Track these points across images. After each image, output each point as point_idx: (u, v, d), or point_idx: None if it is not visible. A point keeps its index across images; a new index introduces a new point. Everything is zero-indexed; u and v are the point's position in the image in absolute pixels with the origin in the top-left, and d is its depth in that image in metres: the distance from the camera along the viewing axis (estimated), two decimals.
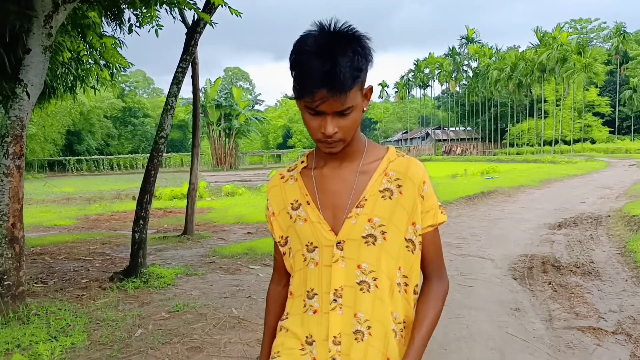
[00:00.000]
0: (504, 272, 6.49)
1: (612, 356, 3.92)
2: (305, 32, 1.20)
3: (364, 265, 1.28)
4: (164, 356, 3.85)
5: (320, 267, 1.29)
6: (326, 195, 1.32)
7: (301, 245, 1.33)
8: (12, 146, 5.04)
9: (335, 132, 1.20)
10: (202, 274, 6.59)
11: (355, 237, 1.28)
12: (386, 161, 1.34)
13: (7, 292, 5.01)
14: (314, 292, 1.30)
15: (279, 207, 1.39)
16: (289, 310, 1.38)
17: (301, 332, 1.32)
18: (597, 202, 13.17)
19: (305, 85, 1.15)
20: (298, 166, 1.40)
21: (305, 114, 1.22)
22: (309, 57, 1.14)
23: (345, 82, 1.14)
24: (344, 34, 1.18)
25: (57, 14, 5.02)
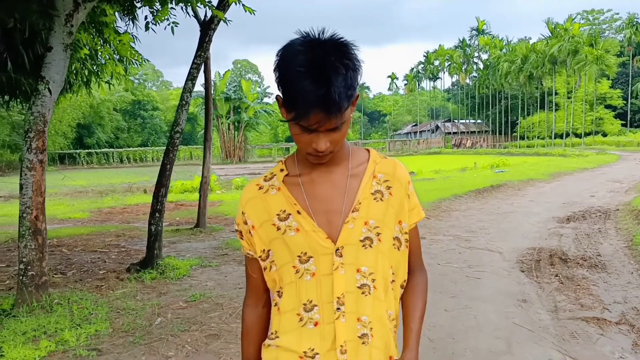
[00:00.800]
0: (512, 264, 6.61)
1: (615, 345, 4.04)
2: (291, 43, 1.17)
3: (363, 269, 1.27)
4: (184, 343, 4.04)
5: (318, 277, 1.26)
6: (317, 202, 1.29)
7: (291, 256, 1.28)
8: (35, 141, 5.22)
9: (327, 147, 1.20)
10: (216, 265, 6.77)
11: (353, 241, 1.27)
12: (372, 164, 1.35)
13: (30, 282, 5.20)
14: (312, 304, 1.26)
15: (260, 220, 1.32)
16: (278, 328, 1.31)
17: (298, 347, 1.26)
18: (606, 195, 13.21)
19: (299, 108, 1.13)
20: (278, 175, 1.34)
21: (294, 129, 1.19)
22: (301, 77, 1.11)
23: (341, 104, 1.13)
24: (334, 47, 1.15)
25: (78, 13, 5.18)
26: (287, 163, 1.36)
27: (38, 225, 5.31)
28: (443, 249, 7.58)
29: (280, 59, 1.17)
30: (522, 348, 4.00)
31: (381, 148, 66.47)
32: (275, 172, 1.35)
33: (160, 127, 76.05)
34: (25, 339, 4.20)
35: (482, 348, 4.00)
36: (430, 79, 79.91)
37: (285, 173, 1.33)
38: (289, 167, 1.34)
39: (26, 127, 5.25)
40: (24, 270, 5.21)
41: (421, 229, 9.22)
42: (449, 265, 6.59)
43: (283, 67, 1.16)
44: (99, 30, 6.45)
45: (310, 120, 1.13)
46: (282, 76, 1.16)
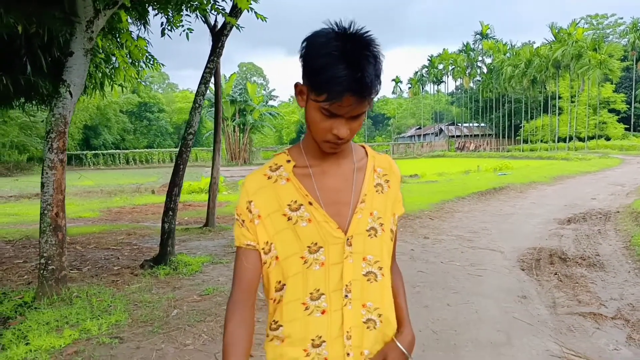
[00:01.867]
0: (513, 263, 6.83)
1: (610, 338, 4.26)
2: (321, 31, 1.21)
3: (369, 257, 1.32)
4: (200, 332, 4.27)
5: (327, 267, 1.29)
6: (327, 193, 1.32)
7: (300, 247, 1.29)
8: (56, 141, 5.47)
9: (347, 134, 1.24)
10: (226, 262, 7.00)
11: (361, 231, 1.31)
12: (372, 158, 1.41)
13: (51, 276, 5.45)
14: (320, 293, 1.28)
15: (268, 210, 1.31)
16: (279, 318, 1.31)
17: (304, 336, 1.29)
18: (607, 198, 13.40)
19: (333, 90, 1.15)
20: (285, 165, 1.35)
21: (316, 114, 1.22)
22: (335, 61, 1.15)
23: (372, 89, 1.18)
24: (364, 39, 1.19)
25: (98, 20, 5.43)
26: (292, 154, 1.37)
27: (58, 221, 5.55)
28: (446, 248, 7.79)
29: (311, 44, 1.20)
30: (521, 340, 4.22)
31: (385, 151, 66.61)
32: (280, 163, 1.36)
33: (165, 129, 76.50)
34: (49, 329, 4.44)
35: (483, 340, 4.22)
36: (434, 83, 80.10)
37: (292, 164, 1.34)
38: (295, 158, 1.36)
39: (48, 128, 5.50)
40: (45, 264, 5.45)
41: (425, 229, 9.45)
42: (451, 264, 6.80)
43: (314, 52, 1.18)
44: (115, 36, 6.70)
45: (343, 102, 1.16)
46: (313, 60, 1.18)
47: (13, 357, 3.84)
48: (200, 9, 5.90)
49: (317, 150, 1.32)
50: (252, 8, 5.86)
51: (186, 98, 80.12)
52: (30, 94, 8.78)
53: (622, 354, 3.96)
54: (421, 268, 6.56)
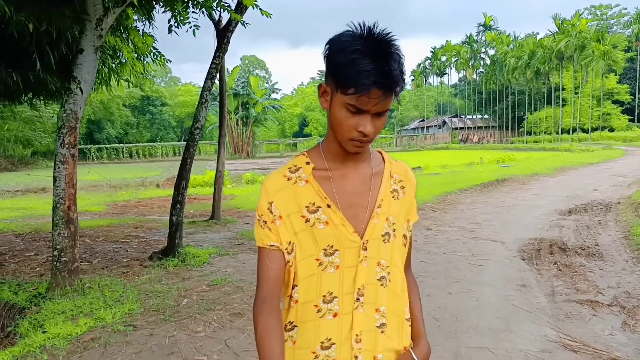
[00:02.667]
0: (514, 253, 6.97)
1: (606, 324, 4.40)
2: (345, 32, 1.24)
3: (382, 262, 1.34)
4: (210, 320, 4.43)
5: (342, 270, 1.30)
6: (345, 196, 1.33)
7: (316, 249, 1.31)
8: (67, 137, 5.63)
9: (372, 131, 1.25)
10: (233, 254, 7.16)
11: (377, 236, 1.33)
12: (388, 164, 1.43)
13: (64, 267, 5.61)
14: (333, 296, 1.30)
15: (288, 210, 1.33)
16: (293, 318, 1.34)
17: (314, 338, 1.30)
18: (609, 189, 13.50)
19: (361, 84, 1.17)
20: (304, 167, 1.36)
21: (343, 112, 1.23)
22: (363, 56, 1.17)
23: (398, 84, 1.20)
24: (388, 38, 1.22)
25: (107, 17, 5.57)
26: (311, 156, 1.38)
27: (70, 214, 5.72)
28: (448, 239, 7.94)
29: (336, 43, 1.23)
30: (520, 326, 4.37)
31: (388, 143, 66.67)
32: (299, 165, 1.37)
33: (168, 123, 76.67)
34: (65, 318, 4.61)
35: (483, 326, 4.37)
36: (437, 75, 80.00)
37: (312, 166, 1.35)
38: (314, 160, 1.36)
39: (59, 124, 5.65)
40: (58, 256, 5.61)
41: (427, 220, 9.59)
42: (453, 254, 6.95)
43: (340, 49, 1.21)
44: (122, 32, 6.84)
45: (371, 94, 1.18)
46: (340, 57, 1.20)
47: (32, 344, 4.00)
48: (206, 6, 6.02)
49: (337, 153, 1.34)
50: (257, 5, 5.97)
51: (189, 91, 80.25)
52: (38, 89, 8.93)
53: (617, 339, 4.11)
54: (424, 258, 6.71)
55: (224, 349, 3.88)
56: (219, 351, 3.83)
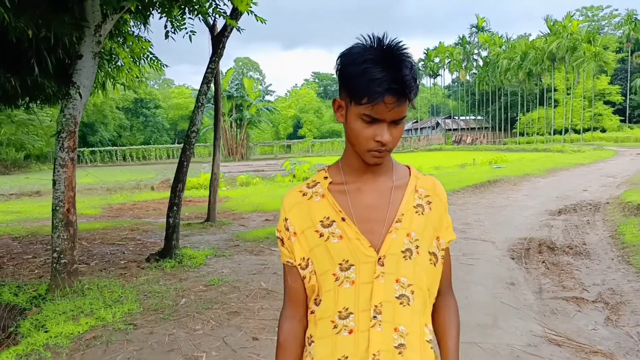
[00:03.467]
0: (504, 253, 7.14)
1: (590, 320, 4.58)
2: (356, 44, 1.25)
3: (402, 279, 1.28)
4: (208, 318, 4.57)
5: (358, 285, 1.27)
6: (362, 210, 1.31)
7: (332, 264, 1.29)
8: (66, 141, 5.75)
9: (390, 140, 1.24)
10: (229, 255, 7.30)
11: (395, 251, 1.28)
12: (414, 179, 1.38)
13: (63, 269, 5.73)
14: (348, 312, 1.27)
15: (303, 226, 1.33)
16: (313, 332, 1.34)
17: (331, 355, 1.28)
18: (599, 190, 13.73)
19: (373, 91, 1.17)
20: (322, 182, 1.36)
21: (358, 123, 1.24)
22: (373, 65, 1.18)
23: (411, 89, 1.20)
24: (399, 47, 1.23)
25: (105, 24, 5.70)
26: (330, 172, 1.38)
27: (70, 217, 5.84)
28: None
29: (347, 56, 1.24)
30: (507, 322, 4.53)
31: None
32: (318, 180, 1.38)
33: (162, 125, 76.61)
34: (66, 318, 4.73)
35: (472, 322, 4.53)
36: (430, 76, 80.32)
37: (329, 181, 1.35)
38: (332, 175, 1.36)
39: (59, 128, 5.77)
40: (57, 258, 5.73)
41: None
42: None
43: (351, 61, 1.22)
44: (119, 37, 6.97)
45: (386, 100, 1.18)
46: (351, 68, 1.21)
47: (35, 343, 4.12)
48: (201, 12, 6.16)
49: (355, 167, 1.34)
50: (252, 11, 6.11)
51: (182, 94, 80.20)
52: (35, 93, 9.04)
53: (600, 333, 4.28)
54: None
55: (222, 346, 4.02)
56: (217, 348, 3.97)
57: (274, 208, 12.42)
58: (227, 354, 3.86)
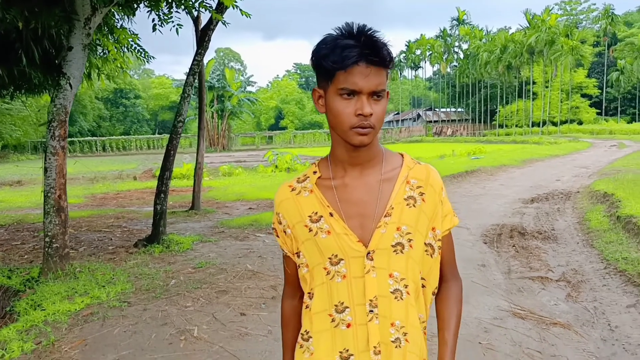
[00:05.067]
0: (477, 237, 7.52)
1: (552, 296, 4.97)
2: (326, 35, 1.25)
3: (395, 274, 1.29)
4: (198, 297, 4.86)
5: (349, 280, 1.28)
6: (350, 205, 1.31)
7: (322, 258, 1.31)
8: (57, 130, 5.94)
9: (371, 114, 1.22)
10: (215, 241, 7.56)
11: (385, 246, 1.28)
12: (406, 169, 1.35)
13: (55, 253, 5.94)
14: (344, 306, 1.29)
15: (293, 221, 1.35)
16: (309, 327, 1.35)
17: (332, 348, 1.30)
18: (571, 180, 14.25)
19: (346, 57, 1.18)
20: (311, 177, 1.37)
21: (337, 100, 1.23)
22: (345, 39, 1.20)
23: (384, 56, 1.20)
24: (370, 28, 1.23)
25: (95, 17, 5.89)
26: (320, 166, 1.38)
27: (61, 203, 6.04)
28: None
29: (319, 43, 1.25)
30: (477, 299, 4.89)
31: None
32: (308, 175, 1.38)
33: (142, 116, 76.06)
34: (61, 297, 4.96)
35: None
36: (412, 68, 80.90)
37: (318, 175, 1.35)
38: (322, 170, 1.36)
39: (50, 118, 5.96)
40: (49, 242, 5.94)
41: None
42: None
43: (322, 45, 1.24)
44: (111, 31, 7.15)
45: (359, 65, 1.19)
46: (322, 50, 1.23)
47: (33, 320, 4.36)
48: (187, 5, 6.37)
49: (342, 160, 1.33)
50: (237, 5, 6.34)
51: (163, 84, 79.61)
52: (20, 83, 9.16)
53: (560, 307, 4.66)
54: None
55: (212, 320, 4.31)
56: (207, 322, 4.26)
57: (257, 197, 12.70)
58: (217, 327, 4.16)
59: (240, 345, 3.84)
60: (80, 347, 3.84)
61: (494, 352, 3.74)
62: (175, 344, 3.86)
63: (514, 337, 4.01)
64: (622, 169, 14.41)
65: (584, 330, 4.18)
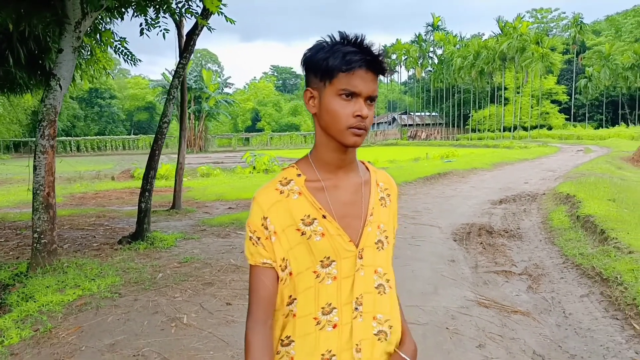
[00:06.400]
0: (447, 236, 7.95)
1: (514, 288, 5.39)
2: (318, 41, 1.31)
3: (379, 270, 1.35)
4: (185, 288, 5.14)
5: (339, 280, 1.30)
6: (339, 206, 1.33)
7: (313, 262, 1.30)
8: (47, 129, 6.16)
9: (367, 117, 1.27)
10: (198, 238, 7.83)
11: (370, 244, 1.34)
12: (373, 173, 1.45)
13: (43, 249, 6.14)
14: (331, 307, 1.30)
15: (283, 225, 1.31)
16: (291, 332, 1.32)
17: (315, 351, 1.30)
18: (538, 182, 14.87)
19: (350, 61, 1.24)
20: (295, 179, 1.35)
21: (336, 101, 1.27)
22: (344, 47, 1.26)
23: (382, 64, 1.29)
24: (363, 37, 1.30)
25: (85, 21, 6.12)
26: (302, 168, 1.37)
27: (50, 200, 6.25)
28: None
29: (313, 48, 1.31)
30: (445, 290, 5.28)
31: None
32: (290, 177, 1.36)
33: (117, 116, 75.22)
34: (52, 290, 5.17)
35: (416, 291, 5.26)
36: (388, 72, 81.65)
37: (304, 177, 1.34)
38: (305, 171, 1.36)
39: (40, 117, 6.17)
40: (38, 238, 6.13)
41: None
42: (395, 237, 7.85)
43: (319, 49, 1.29)
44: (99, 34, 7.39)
45: (361, 70, 1.26)
46: (321, 54, 1.28)
47: (28, 310, 4.59)
48: (170, 12, 6.64)
49: (328, 162, 1.35)
50: (222, 12, 6.64)
51: (138, 84, 78.88)
52: (4, 83, 9.31)
53: (521, 298, 5.09)
54: None
55: (200, 309, 4.61)
56: (195, 311, 4.56)
57: (236, 197, 12.96)
58: (204, 315, 4.46)
59: (227, 331, 4.15)
60: (77, 333, 4.10)
61: (459, 336, 4.12)
62: (167, 330, 4.15)
63: (478, 323, 4.40)
64: (585, 173, 15.08)
65: (541, 317, 4.60)
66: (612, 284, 5.06)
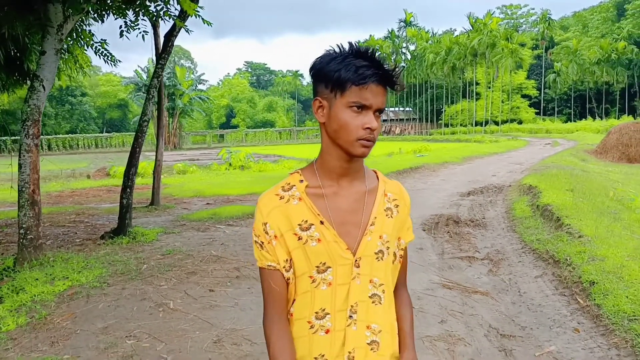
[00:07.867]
0: (417, 226, 8.39)
1: (476, 271, 5.85)
2: (328, 51, 1.35)
3: (375, 279, 1.36)
4: (170, 277, 5.47)
5: (334, 287, 1.32)
6: (338, 213, 1.35)
7: (309, 267, 1.33)
8: (31, 128, 6.39)
9: (376, 129, 1.30)
10: (178, 232, 8.12)
11: (369, 253, 1.34)
12: (382, 183, 1.45)
13: (30, 244, 6.37)
14: (325, 312, 1.32)
15: (282, 229, 1.34)
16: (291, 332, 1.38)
17: (308, 354, 1.34)
18: (505, 175, 15.48)
19: (363, 75, 1.26)
20: (297, 185, 1.37)
21: (346, 113, 1.29)
22: (356, 60, 1.28)
23: (393, 79, 1.31)
24: (372, 49, 1.33)
25: (67, 24, 6.36)
26: (305, 175, 1.39)
27: (35, 197, 6.48)
28: None
29: (324, 58, 1.33)
30: (413, 275, 5.70)
31: (315, 135, 68.26)
32: (293, 183, 1.38)
33: (89, 114, 74.23)
34: (42, 282, 5.43)
35: None
36: None
37: (305, 184, 1.37)
38: (308, 178, 1.38)
39: (24, 117, 6.40)
40: (24, 234, 6.36)
41: None
42: None
43: (331, 60, 1.31)
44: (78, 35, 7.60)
45: (373, 84, 1.28)
46: (333, 65, 1.29)
47: (21, 300, 4.86)
48: (150, 15, 6.91)
49: (332, 170, 1.37)
50: (199, 14, 6.93)
51: (110, 81, 77.93)
52: None
53: (482, 280, 5.55)
54: None
55: (185, 296, 4.94)
56: (181, 297, 4.90)
57: (214, 193, 13.23)
58: (190, 301, 4.80)
59: (211, 314, 4.50)
60: (71, 319, 4.40)
61: (424, 314, 4.55)
62: (155, 314, 4.48)
63: (442, 302, 4.84)
64: (550, 165, 15.74)
65: (499, 296, 5.06)
66: (562, 265, 5.56)
